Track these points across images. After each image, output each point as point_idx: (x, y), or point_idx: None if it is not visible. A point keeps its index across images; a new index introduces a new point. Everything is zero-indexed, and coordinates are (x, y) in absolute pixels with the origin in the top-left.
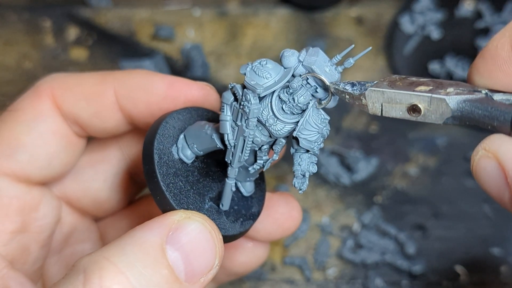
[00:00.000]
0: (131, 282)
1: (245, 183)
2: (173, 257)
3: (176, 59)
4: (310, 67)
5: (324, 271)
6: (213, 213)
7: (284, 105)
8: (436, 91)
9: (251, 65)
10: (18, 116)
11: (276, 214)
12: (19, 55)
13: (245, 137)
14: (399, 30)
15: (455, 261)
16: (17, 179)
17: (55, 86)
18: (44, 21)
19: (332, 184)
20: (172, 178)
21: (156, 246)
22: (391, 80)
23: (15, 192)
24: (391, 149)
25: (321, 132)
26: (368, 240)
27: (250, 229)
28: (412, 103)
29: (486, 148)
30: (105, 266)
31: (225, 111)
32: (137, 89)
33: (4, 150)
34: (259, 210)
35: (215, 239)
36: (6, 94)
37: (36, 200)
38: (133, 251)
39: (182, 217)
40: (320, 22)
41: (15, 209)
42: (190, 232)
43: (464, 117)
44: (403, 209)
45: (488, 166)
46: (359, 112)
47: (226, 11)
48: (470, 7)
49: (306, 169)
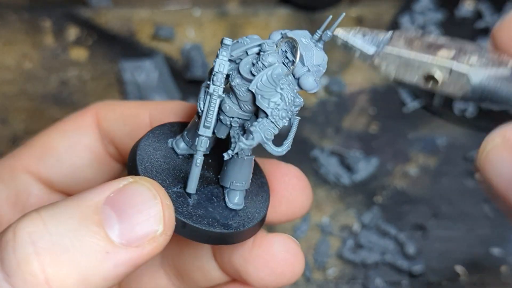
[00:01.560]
0: (47, 228)
1: (231, 191)
2: (107, 216)
3: (176, 59)
4: (285, 34)
5: (324, 271)
6: (179, 197)
7: (253, 67)
8: (459, 58)
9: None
10: (60, 126)
11: (267, 255)
12: (19, 55)
13: (210, 94)
14: (399, 30)
15: (455, 261)
16: (41, 180)
17: (101, 106)
18: (44, 21)
19: (332, 184)
20: (153, 154)
21: (91, 203)
22: (407, 38)
23: (35, 191)
24: (391, 149)
25: (279, 92)
26: (368, 240)
27: (221, 240)
28: (430, 70)
29: (506, 137)
30: (30, 214)
31: (205, 80)
32: (170, 114)
33: (36, 152)
34: (239, 226)
35: (160, 205)
36: (6, 94)
37: None
38: (65, 205)
39: (129, 181)
40: (320, 22)
41: (31, 206)
42: (132, 193)
43: (486, 93)
44: (403, 209)
45: (505, 158)
46: (359, 112)
47: (226, 11)
48: (470, 7)
49: (255, 126)
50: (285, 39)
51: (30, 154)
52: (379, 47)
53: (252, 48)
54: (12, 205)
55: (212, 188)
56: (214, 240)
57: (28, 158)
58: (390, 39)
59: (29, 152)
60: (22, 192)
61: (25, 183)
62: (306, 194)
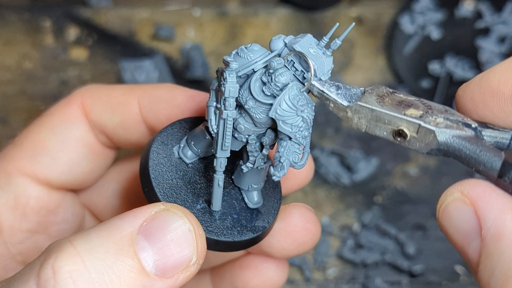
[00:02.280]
0: (86, 266)
1: (249, 192)
2: (142, 247)
3: (176, 59)
4: (292, 47)
5: (324, 271)
6: (204, 214)
7: (265, 87)
8: (427, 118)
9: (236, 50)
10: (47, 120)
11: (289, 226)
12: (19, 55)
13: (223, 119)
14: (399, 30)
15: (455, 261)
16: (38, 181)
17: (86, 95)
18: (44, 21)
19: (332, 184)
20: (166, 173)
21: (125, 234)
22: (379, 94)
23: (33, 193)
24: (391, 149)
25: (300, 115)
26: (368, 240)
27: (253, 243)
28: (399, 126)
29: (464, 193)
30: (65, 248)
31: (211, 97)
32: (159, 102)
33: (28, 152)
34: (264, 224)
35: (193, 234)
36: (6, 94)
37: (55, 204)
38: (99, 236)
39: (160, 208)
40: (320, 22)
41: (32, 209)
42: (165, 223)
43: (450, 152)
44: (403, 209)
45: (462, 212)
46: None
47: (226, 11)
48: (470, 7)
49: (283, 154)
50: (292, 53)
51: (22, 155)
52: (351, 102)
53: (257, 64)
54: (11, 209)
55: (229, 191)
56: (246, 246)
57: (21, 159)
58: (362, 94)
59: (20, 153)
60: (20, 196)
61: (22, 186)
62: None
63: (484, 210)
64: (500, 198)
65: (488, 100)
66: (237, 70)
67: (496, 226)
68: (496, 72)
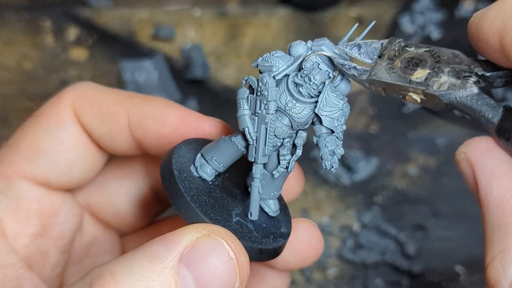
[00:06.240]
0: None
1: (268, 201)
2: (184, 278)
3: (176, 59)
4: (320, 49)
5: (324, 271)
6: (242, 227)
7: (301, 87)
8: (432, 79)
9: (261, 57)
10: (41, 121)
11: (293, 241)
12: (19, 55)
13: (266, 123)
14: (399, 30)
15: (455, 261)
16: (38, 183)
17: (77, 97)
18: (44, 21)
19: (332, 184)
20: (195, 192)
21: (167, 264)
22: (390, 56)
23: (35, 196)
24: (391, 149)
25: (342, 109)
26: (368, 240)
27: (283, 248)
28: (409, 93)
29: (467, 155)
30: (107, 282)
31: (242, 106)
32: (149, 118)
33: (26, 155)
34: (288, 231)
35: (235, 261)
36: (6, 94)
37: (56, 205)
38: (140, 268)
39: (201, 233)
40: (320, 22)
41: (35, 213)
42: (207, 251)
43: (458, 108)
44: (403, 209)
45: (467, 171)
46: (359, 112)
47: (226, 11)
48: (470, 7)
49: (334, 148)
50: (315, 54)
51: (20, 159)
52: (372, 59)
53: (291, 68)
54: (14, 214)
55: (245, 204)
56: (279, 252)
57: (19, 163)
58: (375, 64)
59: (18, 156)
60: (22, 200)
61: (23, 190)
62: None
63: (478, 174)
64: (492, 163)
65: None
66: (275, 74)
67: (485, 193)
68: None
